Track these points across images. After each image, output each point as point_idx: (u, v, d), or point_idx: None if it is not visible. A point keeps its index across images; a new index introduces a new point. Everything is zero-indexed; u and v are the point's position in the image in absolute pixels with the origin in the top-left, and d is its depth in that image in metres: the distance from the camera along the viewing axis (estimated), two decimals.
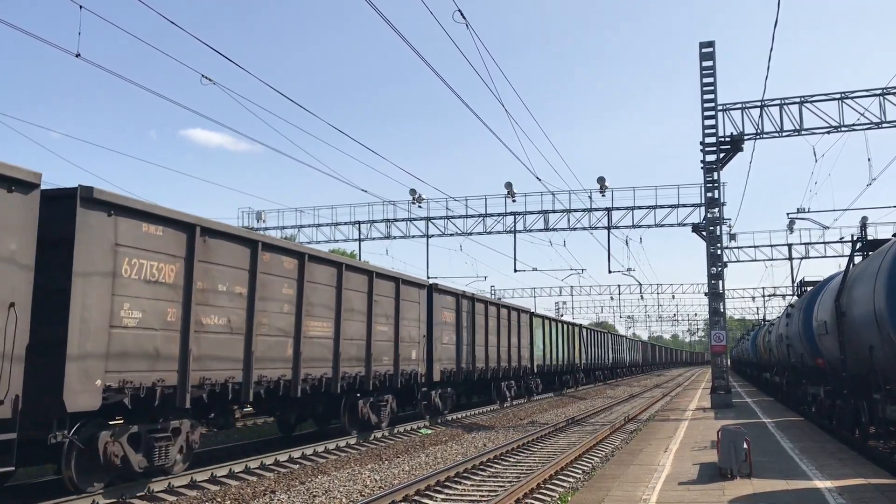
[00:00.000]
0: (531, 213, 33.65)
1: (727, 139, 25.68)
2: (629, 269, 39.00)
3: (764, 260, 43.32)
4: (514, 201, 33.44)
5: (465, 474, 12.56)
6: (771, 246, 43.12)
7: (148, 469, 10.54)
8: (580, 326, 45.28)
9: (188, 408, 11.00)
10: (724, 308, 26.30)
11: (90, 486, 9.64)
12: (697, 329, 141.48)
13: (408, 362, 18.80)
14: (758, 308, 75.22)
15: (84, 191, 9.14)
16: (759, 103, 25.17)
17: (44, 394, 8.63)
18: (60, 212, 8.97)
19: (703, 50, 25.71)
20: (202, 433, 12.04)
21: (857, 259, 15.03)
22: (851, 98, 24.52)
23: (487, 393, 28.12)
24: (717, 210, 26.06)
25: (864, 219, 35.80)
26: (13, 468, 7.47)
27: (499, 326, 27.05)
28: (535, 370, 32.69)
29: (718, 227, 26.24)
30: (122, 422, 10.13)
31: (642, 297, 75.39)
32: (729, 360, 49.27)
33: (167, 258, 10.48)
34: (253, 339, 12.28)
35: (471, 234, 34.83)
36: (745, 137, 25.49)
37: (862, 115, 24.25)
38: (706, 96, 25.67)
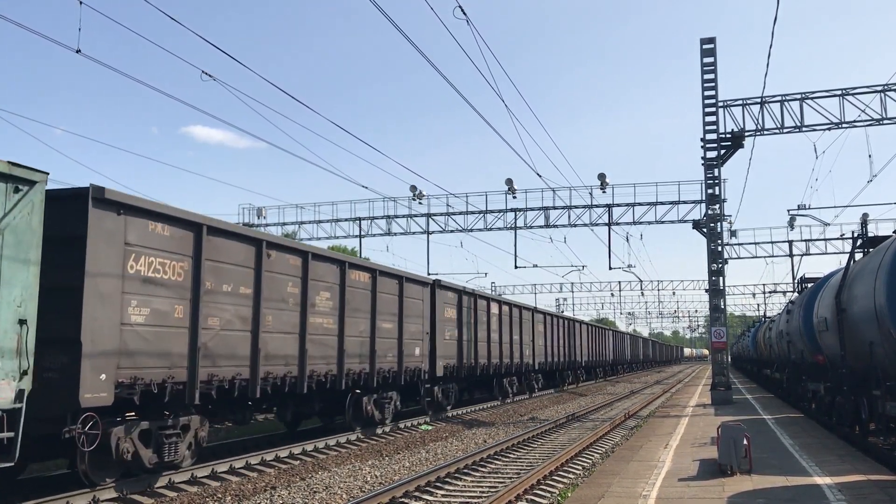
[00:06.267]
0: (532, 209, 33.62)
1: (728, 135, 25.65)
2: (630, 266, 39.02)
3: (764, 256, 43.31)
4: (514, 198, 33.42)
5: (465, 470, 12.58)
6: (771, 242, 43.10)
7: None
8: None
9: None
10: (725, 304, 26.30)
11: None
12: (698, 325, 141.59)
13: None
14: (758, 305, 75.18)
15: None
16: (759, 100, 25.13)
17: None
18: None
19: (704, 46, 25.66)
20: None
21: (858, 256, 15.04)
22: (852, 94, 24.48)
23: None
24: (717, 206, 26.04)
25: (865, 215, 35.76)
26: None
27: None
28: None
29: (719, 224, 26.22)
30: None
31: (643, 294, 75.46)
32: (729, 357, 49.30)
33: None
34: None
35: (471, 230, 34.83)
36: (746, 134, 25.47)
37: (863, 111, 24.22)
38: (707, 93, 25.64)
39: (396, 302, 18.00)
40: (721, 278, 26.03)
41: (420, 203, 35.20)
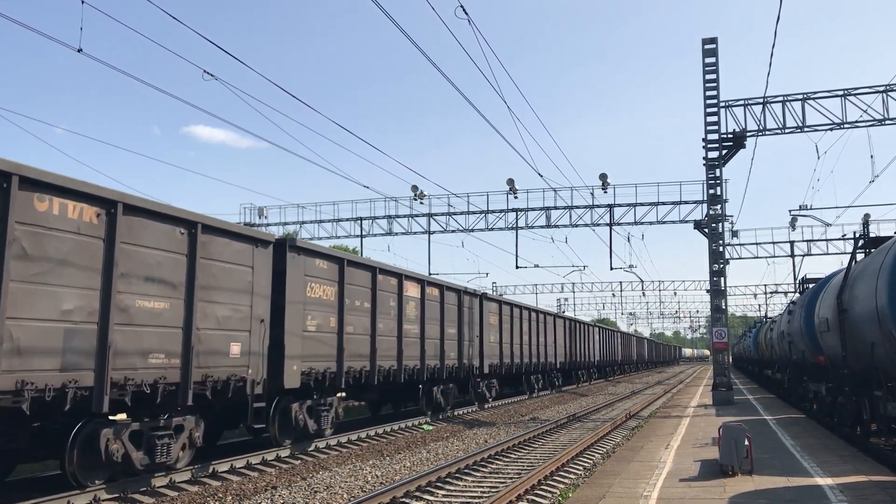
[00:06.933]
0: (533, 209, 33.66)
1: (729, 136, 25.64)
2: (631, 266, 39.02)
3: (766, 257, 43.38)
4: (515, 198, 33.46)
5: (466, 470, 12.58)
6: (773, 243, 43.15)
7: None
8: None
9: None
10: (726, 305, 26.28)
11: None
12: (699, 326, 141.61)
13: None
14: (759, 305, 75.28)
15: None
16: (761, 100, 25.12)
17: None
18: None
19: (706, 46, 25.66)
20: None
21: (860, 256, 15.03)
22: (854, 95, 24.46)
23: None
24: (719, 207, 26.03)
25: (867, 216, 35.82)
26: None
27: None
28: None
29: (720, 224, 26.21)
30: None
31: (644, 294, 75.60)
32: (730, 357, 49.27)
33: None
34: None
35: (473, 230, 34.85)
36: (748, 134, 25.46)
37: (865, 111, 24.20)
38: (709, 93, 25.63)
39: (184, 265, 10.84)
40: (722, 279, 26.02)
41: (421, 203, 35.24)
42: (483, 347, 25.13)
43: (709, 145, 25.75)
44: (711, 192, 26.02)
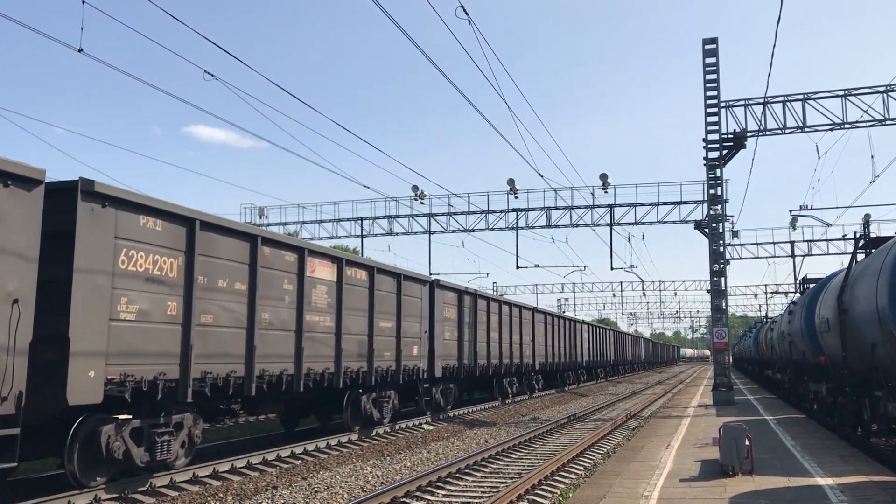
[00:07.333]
0: (533, 209, 33.70)
1: (730, 136, 25.64)
2: (631, 266, 39.08)
3: (766, 257, 43.43)
4: (516, 198, 33.52)
5: (466, 470, 12.58)
6: (773, 243, 43.18)
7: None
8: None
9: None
10: (727, 305, 26.28)
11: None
12: (700, 326, 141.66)
13: None
14: (760, 305, 75.35)
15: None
16: (762, 100, 25.12)
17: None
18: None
19: (707, 46, 25.66)
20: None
21: (860, 256, 15.03)
22: (855, 95, 24.45)
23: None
24: (719, 207, 26.03)
25: (867, 216, 35.85)
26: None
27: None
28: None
29: (721, 224, 26.21)
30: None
31: (644, 294, 75.65)
32: (731, 358, 49.23)
33: None
34: None
35: (473, 230, 34.88)
36: (748, 134, 25.45)
37: (865, 111, 24.20)
38: (709, 93, 25.63)
39: None
40: (723, 279, 26.02)
41: (422, 203, 35.27)
42: (435, 346, 20.64)
43: (709, 145, 25.76)
44: (712, 192, 26.02)
